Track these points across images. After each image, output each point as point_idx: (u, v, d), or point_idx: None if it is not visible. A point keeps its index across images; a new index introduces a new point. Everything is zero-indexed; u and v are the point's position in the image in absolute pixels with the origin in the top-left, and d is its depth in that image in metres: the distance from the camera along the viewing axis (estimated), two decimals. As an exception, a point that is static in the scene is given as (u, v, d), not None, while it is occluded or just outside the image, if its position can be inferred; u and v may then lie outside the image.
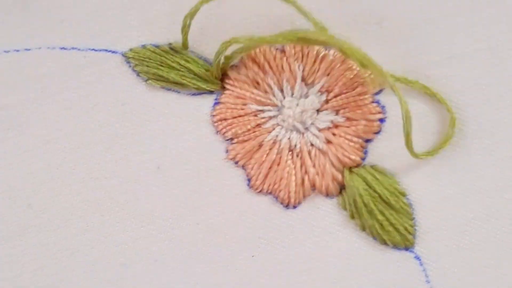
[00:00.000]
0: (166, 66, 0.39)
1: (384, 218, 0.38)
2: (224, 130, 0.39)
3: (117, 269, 0.39)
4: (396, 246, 0.39)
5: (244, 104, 0.39)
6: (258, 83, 0.39)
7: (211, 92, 0.40)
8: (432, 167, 0.39)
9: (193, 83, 0.39)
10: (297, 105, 0.39)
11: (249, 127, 0.39)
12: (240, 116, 0.39)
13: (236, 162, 0.39)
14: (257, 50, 0.39)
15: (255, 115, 0.39)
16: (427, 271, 0.39)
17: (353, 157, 0.39)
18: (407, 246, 0.39)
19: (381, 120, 0.39)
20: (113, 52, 0.40)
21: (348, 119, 0.39)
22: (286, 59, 0.39)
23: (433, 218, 0.39)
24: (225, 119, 0.39)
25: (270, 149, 0.39)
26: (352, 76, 0.39)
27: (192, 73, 0.39)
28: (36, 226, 0.39)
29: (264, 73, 0.39)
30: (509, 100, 0.39)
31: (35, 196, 0.39)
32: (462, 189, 0.39)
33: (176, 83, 0.39)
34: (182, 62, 0.39)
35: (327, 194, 0.39)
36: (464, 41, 0.39)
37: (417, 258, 0.39)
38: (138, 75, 0.40)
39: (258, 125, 0.39)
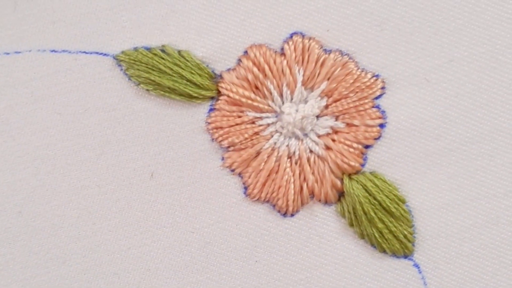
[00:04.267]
0: (158, 71, 0.38)
1: (384, 226, 0.38)
2: (220, 138, 0.38)
3: (109, 278, 0.39)
4: (395, 254, 0.39)
5: (241, 111, 0.38)
6: (256, 87, 0.38)
7: (205, 98, 0.39)
8: (432, 173, 0.39)
9: (185, 89, 0.38)
10: (297, 110, 0.38)
11: (246, 135, 0.38)
12: (237, 124, 0.38)
13: (233, 170, 0.39)
14: (257, 52, 0.38)
15: (253, 122, 0.38)
16: (425, 279, 0.39)
17: (352, 163, 0.38)
18: (406, 254, 0.39)
19: (381, 126, 0.38)
20: (105, 54, 0.39)
21: (348, 124, 0.38)
22: (286, 63, 0.38)
23: (432, 225, 0.39)
24: (221, 128, 0.38)
25: (268, 157, 0.38)
26: (352, 81, 0.38)
27: (184, 79, 0.38)
28: (27, 234, 0.39)
29: (264, 76, 0.38)
30: (509, 104, 0.39)
31: (26, 203, 0.39)
32: (461, 195, 0.39)
33: (169, 89, 0.38)
34: (175, 68, 0.38)
35: (326, 202, 0.39)
36: (464, 44, 0.38)
37: (416, 266, 0.39)
38: (129, 78, 0.39)
39: (256, 133, 0.38)
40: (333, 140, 0.38)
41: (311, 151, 0.38)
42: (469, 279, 0.39)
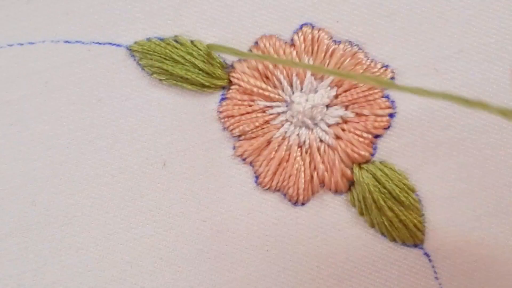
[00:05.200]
0: (171, 60, 0.39)
1: (394, 215, 0.38)
2: (231, 127, 0.39)
3: (122, 267, 0.39)
4: (405, 243, 0.39)
5: (252, 100, 0.38)
6: (267, 77, 0.39)
7: (217, 87, 0.39)
8: (442, 162, 0.39)
9: (198, 78, 0.38)
10: (307, 100, 0.38)
11: (257, 124, 0.38)
12: (248, 113, 0.38)
13: (244, 159, 0.39)
14: (267, 42, 0.38)
15: (263, 111, 0.39)
16: (436, 267, 0.39)
17: (362, 152, 0.38)
18: (416, 242, 0.39)
19: (391, 115, 0.39)
20: (118, 45, 0.39)
21: (357, 114, 0.38)
22: (296, 53, 0.38)
23: (442, 214, 0.39)
24: (233, 116, 0.39)
25: (279, 145, 0.38)
26: (362, 71, 0.38)
27: (197, 68, 0.39)
28: (40, 223, 0.39)
29: (274, 66, 0.38)
30: (518, 94, 0.39)
31: (39, 192, 0.39)
32: (471, 184, 0.39)
33: (181, 78, 0.39)
34: (188, 57, 0.38)
35: (336, 191, 0.39)
36: (473, 34, 0.39)
37: (426, 254, 0.39)
38: (143, 69, 0.39)
39: (267, 122, 0.39)
40: (343, 130, 0.38)
41: (321, 141, 0.39)
42: (479, 267, 0.39)
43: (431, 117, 0.39)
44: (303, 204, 0.39)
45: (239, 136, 0.39)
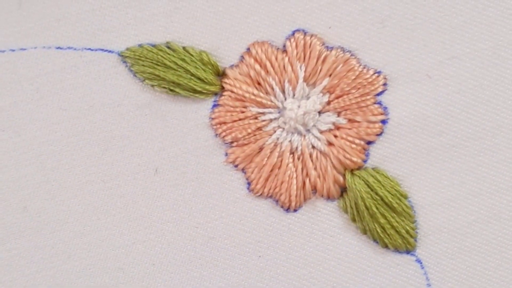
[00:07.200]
0: (163, 66, 0.39)
1: (386, 221, 0.38)
2: (223, 133, 0.39)
3: (114, 273, 0.39)
4: (397, 249, 0.39)
5: (244, 107, 0.38)
6: (259, 83, 0.39)
7: (209, 93, 0.39)
8: (434, 169, 0.39)
9: (190, 84, 0.38)
10: (299, 106, 0.38)
11: (249, 130, 0.38)
12: (240, 119, 0.38)
13: (236, 166, 0.39)
14: (259, 49, 0.38)
15: (256, 118, 0.39)
16: (428, 274, 0.39)
17: (354, 159, 0.38)
18: (408, 249, 0.39)
19: (383, 122, 0.39)
20: (110, 51, 0.39)
21: (350, 120, 0.38)
22: (288, 59, 0.38)
23: (434, 221, 0.39)
24: (225, 123, 0.39)
25: (271, 152, 0.38)
26: (354, 77, 0.38)
27: (189, 74, 0.39)
28: (32, 229, 0.39)
29: (266, 72, 0.38)
30: (511, 100, 0.39)
31: (31, 198, 0.39)
32: (463, 191, 0.39)
33: (173, 84, 0.39)
34: (180, 62, 0.38)
35: (328, 197, 0.39)
36: (466, 41, 0.39)
37: (418, 261, 0.39)
38: (134, 75, 0.39)
39: (259, 128, 0.39)
40: (335, 136, 0.38)
41: (313, 147, 0.39)
42: (471, 274, 0.39)
43: (424, 124, 0.39)
44: (295, 210, 0.39)
45: (231, 142, 0.39)
